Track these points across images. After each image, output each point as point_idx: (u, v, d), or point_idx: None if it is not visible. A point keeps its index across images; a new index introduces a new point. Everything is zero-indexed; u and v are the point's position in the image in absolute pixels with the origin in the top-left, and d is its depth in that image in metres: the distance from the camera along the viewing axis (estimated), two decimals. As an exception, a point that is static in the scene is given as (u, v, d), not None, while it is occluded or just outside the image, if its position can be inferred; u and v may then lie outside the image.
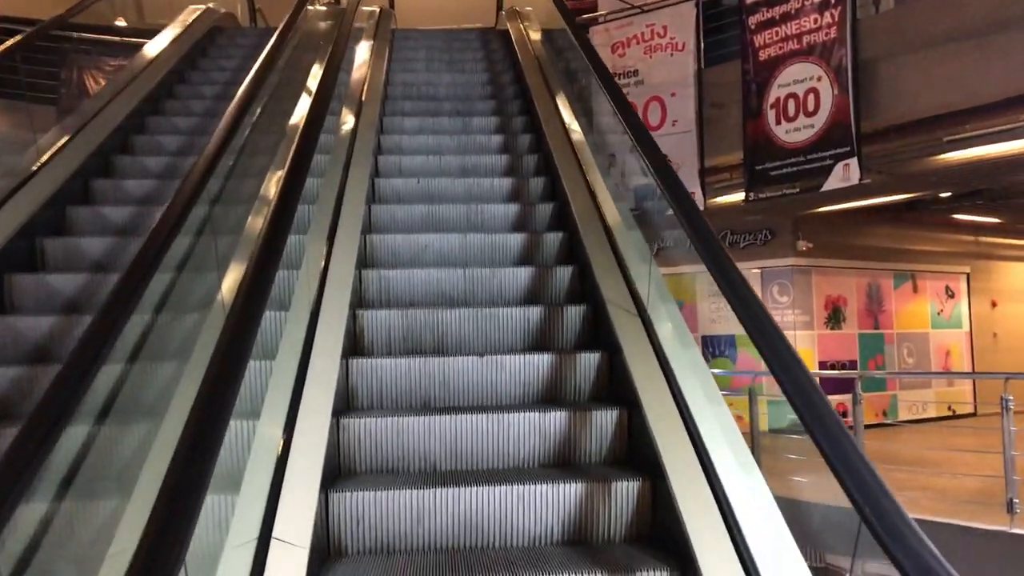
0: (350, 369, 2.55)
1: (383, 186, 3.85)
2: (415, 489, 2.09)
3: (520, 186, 3.90)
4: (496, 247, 3.24)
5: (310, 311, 2.50)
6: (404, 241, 3.29)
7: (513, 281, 3.03)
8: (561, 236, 3.34)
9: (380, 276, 3.05)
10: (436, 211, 3.53)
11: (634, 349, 2.36)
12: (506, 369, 2.56)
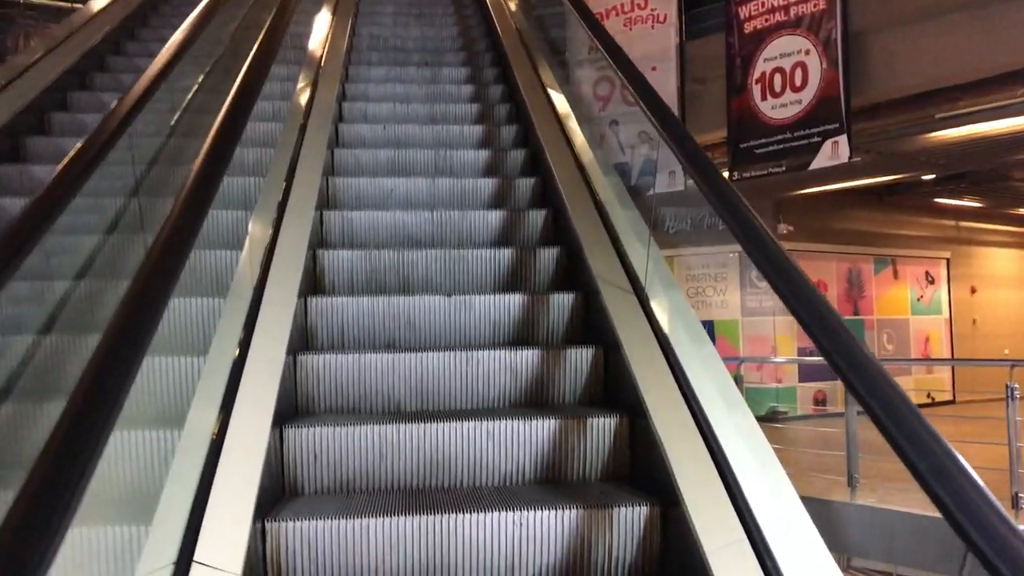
0: (309, 308, 2.51)
1: (347, 132, 3.82)
2: (377, 424, 2.06)
3: (492, 133, 3.91)
4: (466, 192, 3.23)
5: (265, 248, 2.46)
6: (369, 185, 3.25)
7: (484, 224, 3.02)
8: (534, 181, 3.35)
9: (343, 218, 3.02)
10: (403, 156, 3.51)
11: (611, 290, 2.35)
12: (475, 310, 2.54)
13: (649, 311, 2.24)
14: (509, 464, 2.07)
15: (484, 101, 4.31)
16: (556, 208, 3.09)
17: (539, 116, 3.60)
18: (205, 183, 1.73)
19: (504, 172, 3.54)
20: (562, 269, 2.85)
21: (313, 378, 2.28)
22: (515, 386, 2.32)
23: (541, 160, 3.37)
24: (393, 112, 4.02)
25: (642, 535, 1.82)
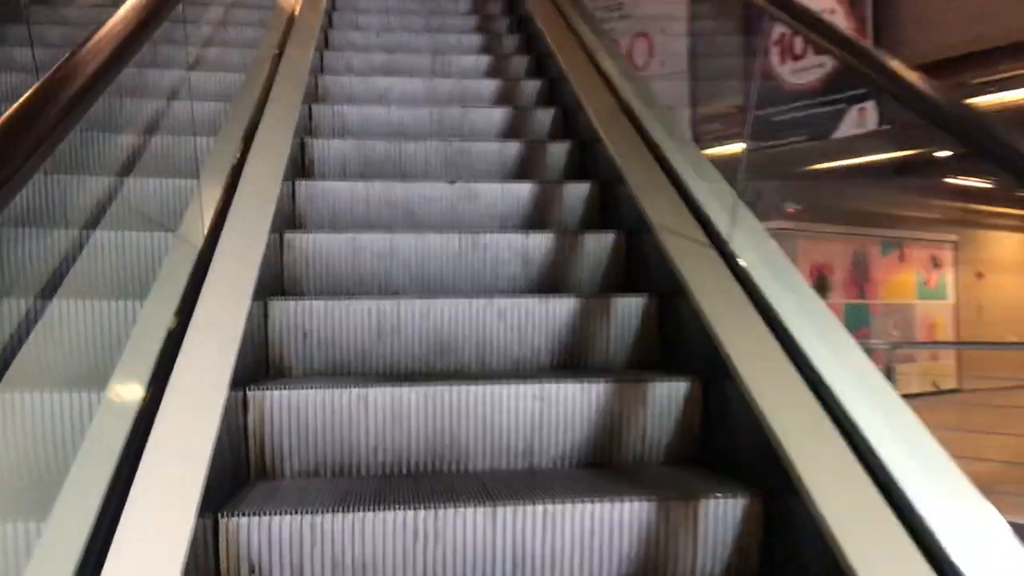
0: (297, 192, 2.44)
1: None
2: (373, 299, 1.99)
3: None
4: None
5: (243, 131, 2.40)
6: (361, 84, 3.20)
7: (487, 122, 2.98)
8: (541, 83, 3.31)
9: (333, 112, 2.97)
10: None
11: (635, 166, 2.30)
12: (480, 199, 2.49)
13: (678, 182, 2.19)
14: (523, 348, 2.01)
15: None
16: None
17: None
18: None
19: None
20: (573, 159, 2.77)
21: (301, 260, 2.21)
22: (526, 275, 2.27)
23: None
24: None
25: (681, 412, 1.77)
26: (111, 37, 1.43)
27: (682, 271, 1.90)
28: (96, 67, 1.33)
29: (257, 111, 2.56)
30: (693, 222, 2.07)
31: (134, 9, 1.56)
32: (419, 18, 4.42)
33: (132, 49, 1.48)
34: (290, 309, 1.97)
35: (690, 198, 2.16)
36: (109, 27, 1.47)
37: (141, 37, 1.52)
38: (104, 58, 1.36)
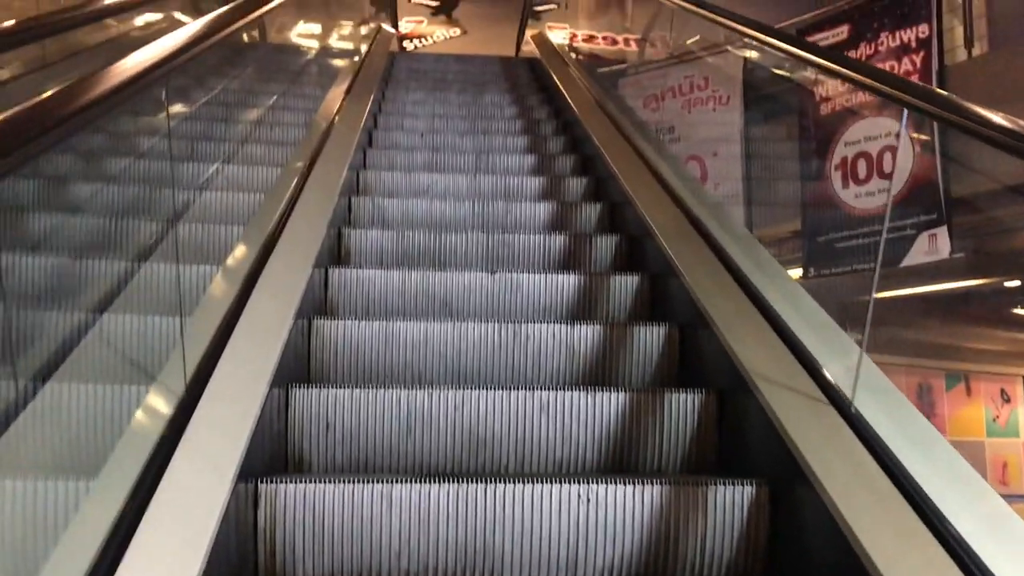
0: (330, 280, 2.46)
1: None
2: (404, 389, 1.94)
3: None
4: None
5: (276, 217, 2.46)
6: (403, 179, 3.35)
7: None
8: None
9: (374, 204, 3.06)
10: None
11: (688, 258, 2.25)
12: (523, 291, 2.47)
13: (753, 291, 2.13)
14: (567, 446, 1.91)
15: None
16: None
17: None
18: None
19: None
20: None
21: (329, 348, 2.19)
22: (571, 368, 2.20)
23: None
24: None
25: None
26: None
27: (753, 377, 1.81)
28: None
29: (291, 201, 2.62)
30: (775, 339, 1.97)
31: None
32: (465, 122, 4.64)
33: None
34: (312, 397, 1.92)
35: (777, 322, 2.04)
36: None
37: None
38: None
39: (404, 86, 5.59)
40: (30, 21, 2.25)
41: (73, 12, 2.42)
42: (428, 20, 14.15)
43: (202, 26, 1.89)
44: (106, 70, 1.37)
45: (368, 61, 5.31)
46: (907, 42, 7.21)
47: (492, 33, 13.38)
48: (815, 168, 7.58)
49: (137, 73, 1.43)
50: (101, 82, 1.32)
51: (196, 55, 1.73)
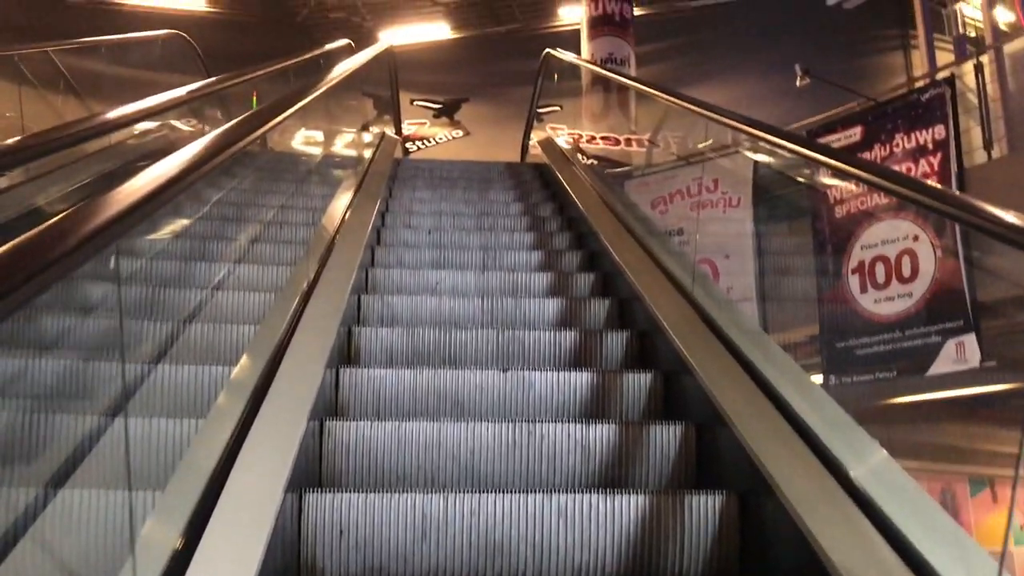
0: (341, 380, 2.58)
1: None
2: (417, 493, 2.03)
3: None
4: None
5: (288, 319, 2.61)
6: (411, 277, 3.55)
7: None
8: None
9: (384, 302, 3.23)
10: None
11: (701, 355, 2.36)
12: (535, 389, 2.59)
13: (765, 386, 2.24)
14: (587, 552, 1.99)
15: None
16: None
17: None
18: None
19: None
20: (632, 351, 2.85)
21: (341, 451, 2.29)
22: (587, 468, 2.29)
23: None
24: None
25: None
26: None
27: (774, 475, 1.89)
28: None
29: (302, 300, 2.78)
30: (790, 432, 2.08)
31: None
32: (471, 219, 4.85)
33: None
34: (326, 503, 2.01)
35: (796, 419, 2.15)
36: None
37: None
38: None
39: (410, 184, 5.84)
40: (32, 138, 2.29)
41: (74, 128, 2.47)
42: (431, 122, 14.73)
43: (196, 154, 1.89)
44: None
45: (373, 166, 5.58)
46: (923, 144, 7.31)
47: (494, 134, 13.87)
48: (831, 272, 7.67)
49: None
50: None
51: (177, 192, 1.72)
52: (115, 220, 1.34)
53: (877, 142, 7.78)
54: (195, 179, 1.78)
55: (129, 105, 2.68)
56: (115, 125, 2.63)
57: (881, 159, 7.67)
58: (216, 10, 14.08)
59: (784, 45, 14.72)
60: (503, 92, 14.84)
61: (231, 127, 2.32)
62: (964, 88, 7.92)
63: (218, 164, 1.97)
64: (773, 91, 14.33)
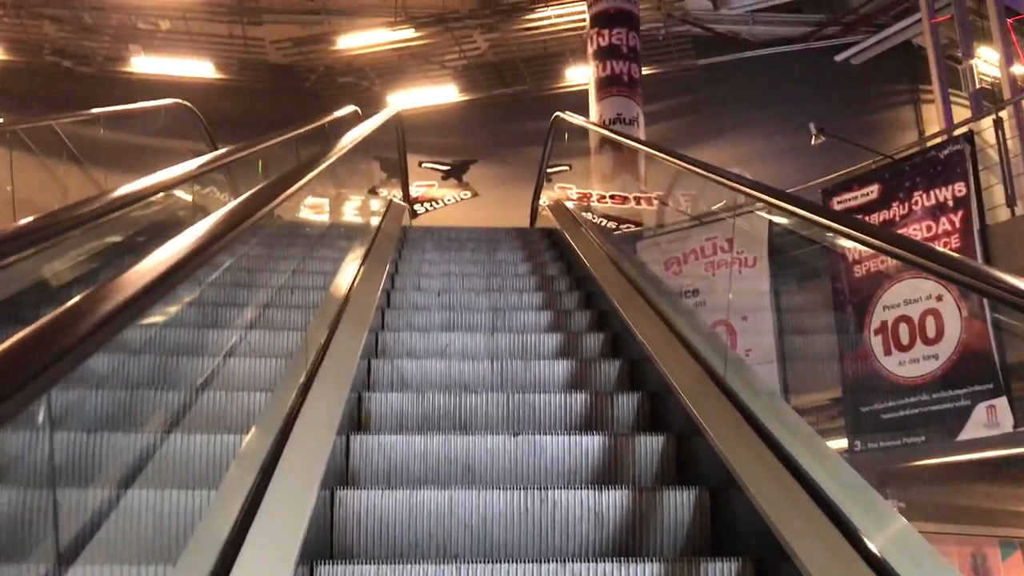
0: (351, 447, 2.66)
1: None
2: (430, 564, 2.08)
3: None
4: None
5: (298, 386, 2.69)
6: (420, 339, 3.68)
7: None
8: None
9: (393, 367, 3.38)
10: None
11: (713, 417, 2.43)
12: (547, 454, 2.67)
13: (776, 448, 2.30)
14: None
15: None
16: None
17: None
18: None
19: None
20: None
21: (352, 520, 2.34)
22: (600, 537, 2.34)
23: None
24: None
25: None
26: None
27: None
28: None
29: (313, 366, 2.85)
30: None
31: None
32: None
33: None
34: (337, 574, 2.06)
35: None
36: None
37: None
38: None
39: (419, 246, 6.01)
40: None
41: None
42: (439, 184, 15.02)
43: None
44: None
45: (381, 232, 5.70)
46: (943, 201, 7.31)
47: (503, 195, 14.12)
48: (853, 333, 7.70)
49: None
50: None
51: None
52: (122, 308, 1.39)
53: (895, 200, 7.80)
54: (200, 263, 1.85)
55: (138, 182, 2.73)
56: (123, 203, 2.64)
57: (900, 217, 7.69)
58: (226, 77, 14.50)
59: (793, 101, 15.00)
60: (511, 153, 15.13)
61: (238, 206, 2.37)
62: (983, 144, 7.88)
63: (224, 245, 2.05)
64: (784, 148, 14.56)
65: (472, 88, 15.14)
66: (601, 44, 12.28)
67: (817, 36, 14.84)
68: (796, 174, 13.49)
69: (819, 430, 8.47)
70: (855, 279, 7.94)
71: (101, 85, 13.83)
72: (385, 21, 13.72)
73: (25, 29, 13.37)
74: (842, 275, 8.03)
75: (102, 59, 14.14)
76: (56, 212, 2.33)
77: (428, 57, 14.39)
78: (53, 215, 2.29)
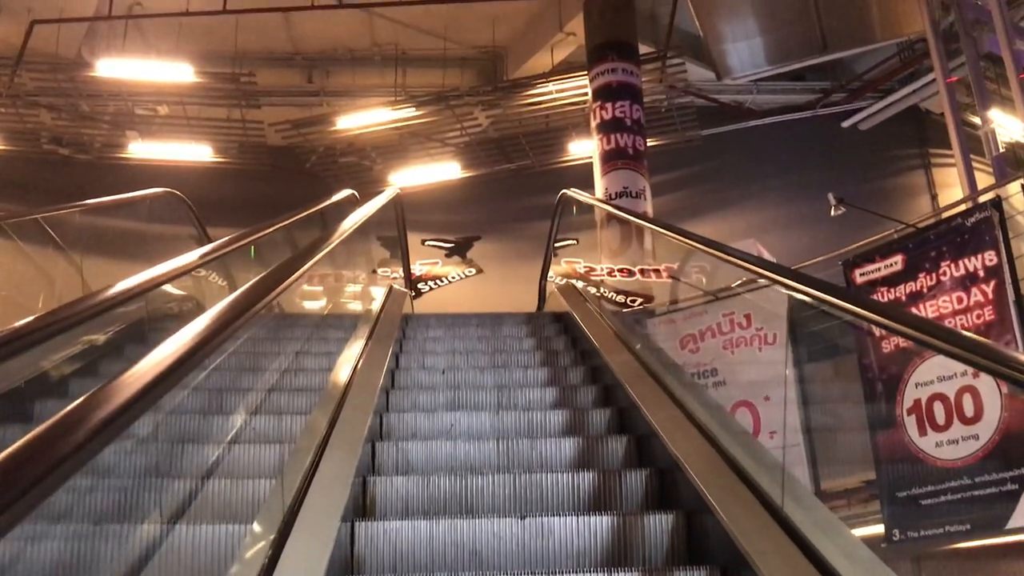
0: (356, 534, 2.75)
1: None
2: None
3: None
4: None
5: (303, 473, 2.81)
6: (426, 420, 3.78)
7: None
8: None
9: (398, 449, 3.48)
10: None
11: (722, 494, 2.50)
12: (555, 536, 2.74)
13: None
14: None
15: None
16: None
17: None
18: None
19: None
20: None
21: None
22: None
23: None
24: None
25: None
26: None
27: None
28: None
29: (317, 451, 2.98)
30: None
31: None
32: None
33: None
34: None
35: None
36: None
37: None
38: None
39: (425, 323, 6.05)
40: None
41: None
42: (443, 261, 15.18)
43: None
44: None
45: (383, 317, 5.79)
46: (973, 271, 7.21)
47: (508, 271, 14.37)
48: (884, 412, 7.51)
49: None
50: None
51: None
52: (122, 410, 1.49)
53: (921, 271, 7.71)
54: (193, 364, 1.91)
55: (131, 279, 2.85)
56: (116, 302, 2.75)
57: (928, 289, 7.62)
58: (225, 160, 14.85)
59: (801, 169, 15.22)
60: (516, 228, 15.42)
61: (229, 306, 2.41)
62: (1011, 210, 7.88)
63: (223, 341, 2.13)
64: (795, 217, 14.71)
65: (474, 164, 15.49)
66: (604, 118, 12.50)
67: (823, 103, 15.22)
68: (810, 244, 13.49)
69: (852, 515, 8.27)
70: (883, 355, 7.82)
71: (99, 172, 14.17)
72: (385, 100, 14.11)
73: (22, 118, 13.80)
74: (869, 351, 7.92)
75: (100, 146, 14.51)
76: (46, 315, 2.44)
77: (430, 135, 14.76)
78: (49, 315, 2.43)
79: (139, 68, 12.96)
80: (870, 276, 8.42)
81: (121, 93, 13.48)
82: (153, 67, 13.02)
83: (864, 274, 8.57)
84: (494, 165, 15.62)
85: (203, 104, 13.86)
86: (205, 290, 6.35)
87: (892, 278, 8.08)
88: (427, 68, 15.22)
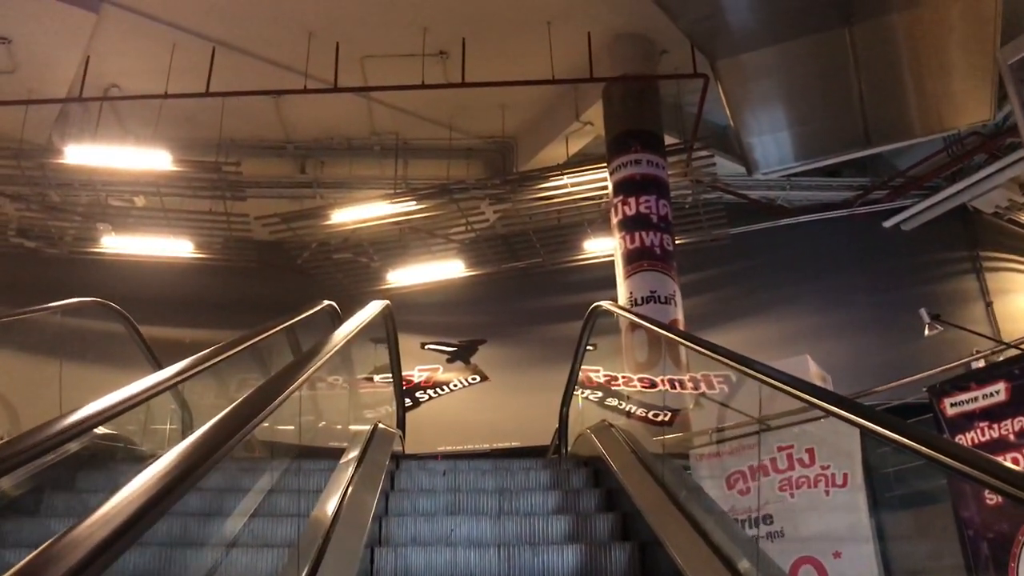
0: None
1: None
2: None
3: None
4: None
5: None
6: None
7: None
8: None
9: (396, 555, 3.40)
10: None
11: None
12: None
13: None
14: None
15: None
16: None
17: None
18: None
19: None
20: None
21: None
22: None
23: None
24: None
25: None
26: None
27: None
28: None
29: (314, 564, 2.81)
30: None
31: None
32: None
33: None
34: None
35: None
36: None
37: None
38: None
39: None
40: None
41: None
42: (444, 367, 13.18)
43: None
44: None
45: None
46: None
47: (515, 380, 12.53)
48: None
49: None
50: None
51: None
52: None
53: None
54: (170, 503, 1.64)
55: (92, 405, 2.34)
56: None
57: None
58: (208, 256, 12.78)
59: (840, 272, 13.35)
60: (524, 332, 13.61)
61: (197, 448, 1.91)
62: None
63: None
64: (836, 325, 12.76)
65: (480, 262, 13.37)
66: (627, 213, 10.60)
67: (862, 200, 13.12)
68: (853, 358, 11.68)
69: None
70: (988, 507, 6.29)
71: (70, 267, 12.46)
72: (384, 193, 12.08)
73: (-17, 209, 11.68)
74: (969, 502, 6.36)
75: (71, 239, 12.43)
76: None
77: (432, 230, 12.63)
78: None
79: (113, 155, 11.05)
80: (964, 408, 6.76)
81: (93, 182, 11.43)
82: (128, 154, 11.08)
83: (956, 404, 6.82)
84: (501, 263, 13.45)
85: (183, 195, 11.74)
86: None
87: (993, 410, 6.49)
88: (430, 158, 13.18)
